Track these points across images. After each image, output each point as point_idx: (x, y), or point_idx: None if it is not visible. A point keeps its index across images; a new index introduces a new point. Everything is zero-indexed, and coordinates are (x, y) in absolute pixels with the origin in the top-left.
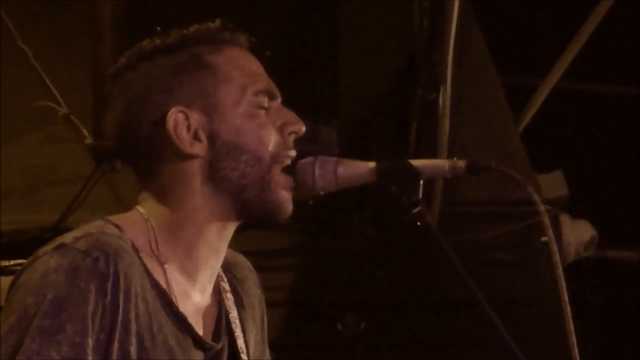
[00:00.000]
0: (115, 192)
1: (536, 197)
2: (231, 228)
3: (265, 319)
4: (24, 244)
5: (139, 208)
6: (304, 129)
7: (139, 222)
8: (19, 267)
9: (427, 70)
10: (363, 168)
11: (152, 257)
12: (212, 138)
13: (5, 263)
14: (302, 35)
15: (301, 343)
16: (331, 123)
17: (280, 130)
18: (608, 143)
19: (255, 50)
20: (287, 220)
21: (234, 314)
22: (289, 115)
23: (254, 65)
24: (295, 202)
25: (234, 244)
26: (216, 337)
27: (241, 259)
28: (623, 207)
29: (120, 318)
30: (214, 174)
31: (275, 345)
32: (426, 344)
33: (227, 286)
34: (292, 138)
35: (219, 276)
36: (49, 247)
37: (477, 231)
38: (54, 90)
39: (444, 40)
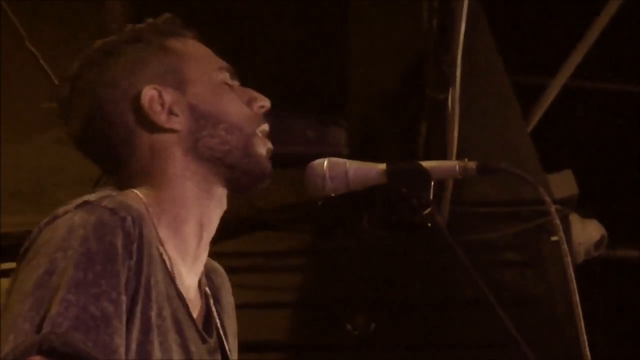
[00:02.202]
0: None
1: (546, 198)
2: (218, 199)
3: (236, 332)
4: None
5: (134, 189)
6: (269, 104)
7: (139, 200)
8: None
9: (436, 71)
10: (373, 170)
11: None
12: (188, 111)
13: (12, 265)
14: (311, 36)
15: (311, 343)
16: (340, 124)
17: (249, 104)
18: (618, 142)
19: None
20: (268, 182)
21: (217, 319)
22: (252, 92)
23: (212, 52)
24: (305, 202)
25: (243, 243)
26: (208, 332)
27: (218, 265)
28: (633, 206)
29: (143, 282)
30: (194, 144)
31: (285, 346)
32: (436, 344)
33: (208, 290)
34: (261, 112)
35: (203, 276)
36: (70, 206)
37: (487, 231)
38: None
39: (453, 40)
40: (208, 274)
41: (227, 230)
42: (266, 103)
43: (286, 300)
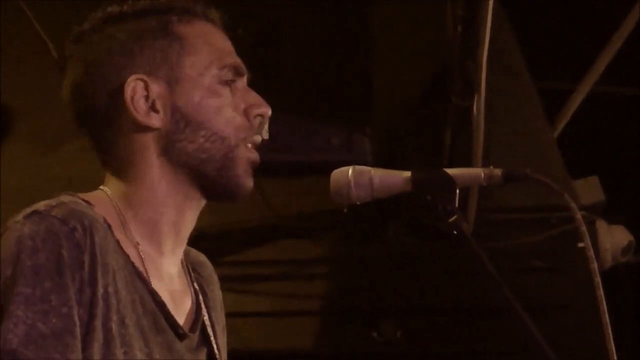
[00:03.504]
0: None
1: (572, 205)
2: (194, 204)
3: (225, 325)
4: None
5: (103, 187)
6: (269, 112)
7: (105, 200)
8: None
9: (461, 78)
10: (398, 177)
11: (124, 236)
12: (170, 110)
13: None
14: (336, 44)
15: (337, 351)
16: (365, 132)
17: (246, 112)
18: None
19: (229, 29)
20: (246, 198)
21: (204, 313)
22: (254, 97)
23: (223, 42)
24: (330, 210)
25: (268, 251)
26: (193, 328)
27: (204, 258)
28: None
29: (100, 292)
30: (170, 146)
31: (311, 354)
32: (462, 351)
33: (196, 285)
34: (258, 121)
35: (189, 270)
36: (19, 217)
37: (513, 238)
38: None
39: (478, 47)
40: (195, 268)
41: (251, 238)
42: (265, 111)
43: (311, 308)
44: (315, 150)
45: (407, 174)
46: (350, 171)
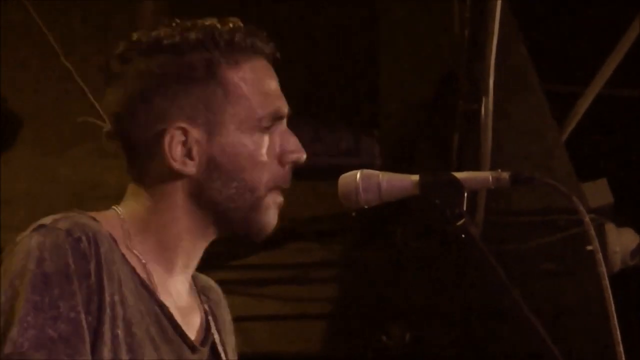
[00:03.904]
0: None
1: (581, 208)
2: (209, 239)
3: (235, 347)
4: None
5: (116, 207)
6: (304, 157)
7: (115, 218)
8: None
9: (469, 81)
10: (406, 181)
11: (130, 252)
12: (206, 158)
13: None
14: (343, 47)
15: (346, 355)
16: (373, 135)
17: (280, 159)
18: None
19: (278, 59)
20: (262, 239)
21: (217, 336)
22: (291, 142)
23: (270, 81)
24: (338, 214)
25: (277, 254)
26: (203, 343)
27: (213, 283)
28: None
29: (107, 300)
30: (199, 193)
31: (320, 357)
32: (471, 355)
33: (206, 307)
34: (290, 168)
35: (198, 293)
36: (26, 232)
37: (522, 241)
38: (97, 106)
39: (485, 51)
40: (204, 292)
41: (260, 242)
42: (300, 157)
43: (320, 311)
44: (324, 154)
45: (415, 177)
46: (358, 175)
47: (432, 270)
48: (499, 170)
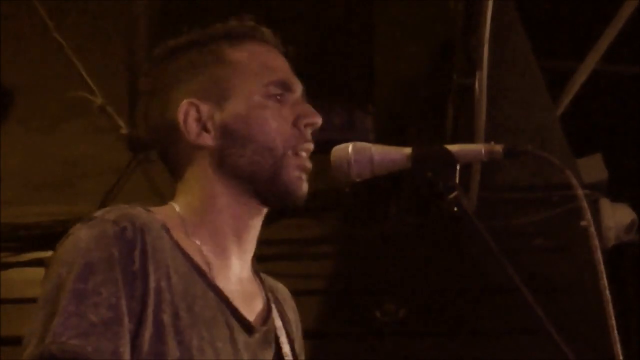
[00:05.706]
0: (151, 183)
1: (574, 181)
2: (253, 212)
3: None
4: (61, 236)
5: (171, 202)
6: (319, 121)
7: (170, 210)
8: None
9: (463, 55)
10: (398, 154)
11: (186, 237)
12: (220, 128)
13: (43, 254)
14: (338, 22)
15: (340, 331)
16: (367, 109)
17: (295, 122)
18: None
19: (283, 43)
20: (302, 202)
21: (279, 324)
22: (305, 108)
23: (275, 59)
24: (332, 189)
25: (272, 230)
26: (262, 325)
27: (282, 286)
28: None
29: (152, 285)
30: (222, 162)
31: (314, 333)
32: (466, 331)
33: (270, 296)
34: (308, 131)
35: (266, 290)
36: (80, 223)
37: (516, 216)
38: (89, 81)
39: (480, 24)
40: (272, 290)
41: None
42: (315, 120)
43: (314, 287)
44: (317, 129)
45: (408, 150)
46: (350, 147)
47: (426, 246)
48: (492, 142)
